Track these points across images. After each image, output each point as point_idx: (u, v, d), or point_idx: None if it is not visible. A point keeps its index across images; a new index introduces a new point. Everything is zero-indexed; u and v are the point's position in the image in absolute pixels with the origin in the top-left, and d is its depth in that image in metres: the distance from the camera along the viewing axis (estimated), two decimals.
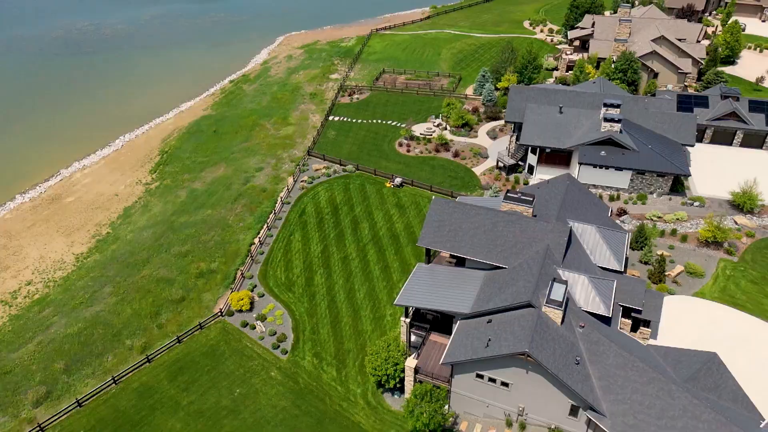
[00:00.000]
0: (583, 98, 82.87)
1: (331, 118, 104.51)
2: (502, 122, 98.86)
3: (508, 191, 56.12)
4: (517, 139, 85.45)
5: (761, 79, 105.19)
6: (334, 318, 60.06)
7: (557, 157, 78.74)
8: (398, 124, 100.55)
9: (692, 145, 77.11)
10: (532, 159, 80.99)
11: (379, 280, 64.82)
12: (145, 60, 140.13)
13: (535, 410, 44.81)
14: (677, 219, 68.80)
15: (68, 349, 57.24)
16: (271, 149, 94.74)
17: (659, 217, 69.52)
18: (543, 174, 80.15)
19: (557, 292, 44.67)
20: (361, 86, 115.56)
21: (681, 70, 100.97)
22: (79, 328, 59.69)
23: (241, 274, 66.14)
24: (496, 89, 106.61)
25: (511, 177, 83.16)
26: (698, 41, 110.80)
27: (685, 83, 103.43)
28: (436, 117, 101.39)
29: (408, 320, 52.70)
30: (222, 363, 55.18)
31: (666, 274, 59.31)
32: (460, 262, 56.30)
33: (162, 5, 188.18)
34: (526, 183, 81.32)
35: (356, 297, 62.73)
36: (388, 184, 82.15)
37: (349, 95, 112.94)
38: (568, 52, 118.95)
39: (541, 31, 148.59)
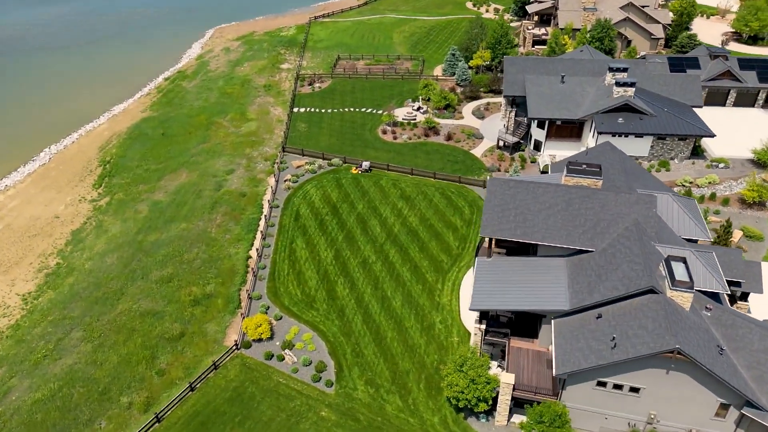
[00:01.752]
0: (582, 66, 77.64)
1: (295, 109, 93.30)
2: (484, 101, 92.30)
3: (569, 162, 48.75)
4: (516, 115, 78.99)
5: (726, 41, 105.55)
6: (376, 334, 50.13)
7: (568, 129, 72.74)
8: (374, 111, 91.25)
9: (700, 106, 73.81)
10: (538, 134, 74.53)
11: (413, 284, 55.53)
12: (60, 61, 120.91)
13: (670, 415, 37.60)
14: (710, 183, 64.77)
15: (42, 421, 43.42)
16: (236, 148, 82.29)
17: (690, 182, 65.15)
18: (552, 149, 73.96)
19: (680, 272, 37.68)
20: (320, 74, 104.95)
21: (654, 35, 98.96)
22: (51, 389, 45.80)
23: (248, 295, 54.42)
24: (469, 68, 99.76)
25: (516, 156, 76.50)
26: (656, 8, 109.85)
27: (657, 49, 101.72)
28: (413, 101, 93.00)
29: (483, 327, 43.97)
30: (255, 409, 43.75)
31: (730, 240, 54.46)
32: (516, 250, 48.33)
33: (64, 4, 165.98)
34: (533, 161, 74.88)
35: (393, 306, 53.09)
36: (354, 170, 73.89)
37: (309, 84, 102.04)
38: (530, 27, 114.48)
39: (486, 10, 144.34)
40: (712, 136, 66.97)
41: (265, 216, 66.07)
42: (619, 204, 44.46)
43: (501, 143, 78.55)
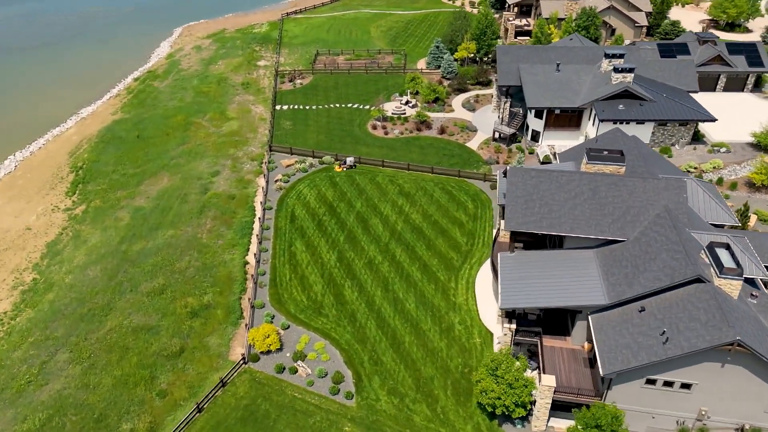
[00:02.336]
0: (575, 53, 76.17)
1: (278, 107, 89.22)
2: (473, 93, 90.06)
3: (589, 149, 46.54)
4: (511, 105, 76.88)
5: (705, 28, 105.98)
6: (393, 340, 46.94)
7: (567, 119, 70.94)
8: (360, 106, 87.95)
9: (696, 91, 73.01)
10: (536, 124, 72.52)
11: (425, 283, 52.56)
12: (20, 63, 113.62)
13: (721, 411, 35.55)
14: (714, 167, 63.81)
15: None
16: (219, 149, 77.82)
17: (696, 168, 64.02)
18: (551, 139, 72.11)
19: (726, 259, 35.71)
20: (300, 71, 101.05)
21: (637, 23, 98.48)
22: (40, 419, 41.07)
23: (250, 304, 50.49)
24: (454, 60, 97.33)
25: (513, 147, 74.36)
26: None
27: (641, 37, 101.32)
28: (401, 95, 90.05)
29: (514, 326, 41.29)
30: (271, 428, 40.03)
31: (747, 224, 53.28)
32: (533, 244, 46.01)
33: (19, 4, 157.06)
34: (531, 152, 72.85)
35: (406, 308, 49.99)
36: (338, 168, 70.71)
37: (290, 81, 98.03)
38: (511, 18, 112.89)
39: (462, 3, 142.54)
40: (714, 120, 66.03)
41: (259, 219, 62.07)
42: (647, 190, 42.43)
43: (497, 135, 76.30)
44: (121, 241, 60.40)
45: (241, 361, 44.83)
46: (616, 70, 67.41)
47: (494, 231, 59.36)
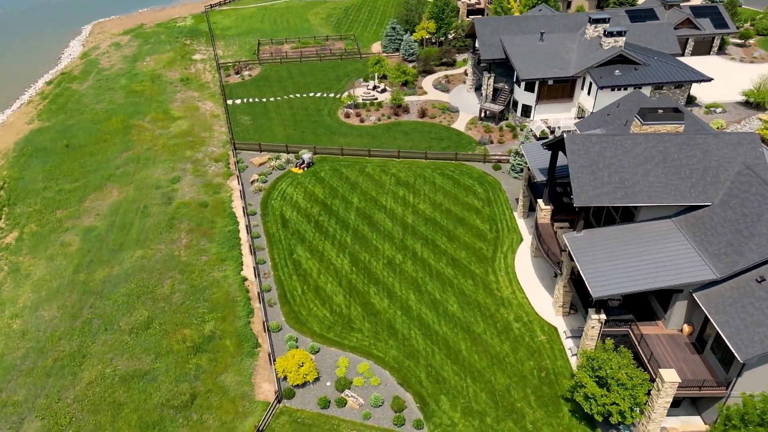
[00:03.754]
0: (556, 21, 72.48)
1: (230, 101, 79.00)
2: (441, 74, 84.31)
3: (642, 108, 41.62)
4: (495, 81, 71.65)
5: None
6: (447, 349, 39.85)
7: (560, 89, 66.70)
8: (324, 95, 79.72)
9: (679, 54, 71.35)
10: (526, 98, 67.74)
11: (460, 280, 45.86)
12: None
13: None
14: (718, 128, 61.77)
15: None
16: (173, 152, 66.88)
17: None
18: (544, 113, 67.78)
19: None
20: (246, 62, 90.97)
21: None
22: None
23: (264, 328, 41.46)
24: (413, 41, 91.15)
25: (503, 125, 69.31)
26: None
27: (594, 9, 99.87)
28: (365, 80, 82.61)
29: (603, 316, 35.50)
30: None
31: None
32: (587, 218, 40.69)
33: None
34: (523, 128, 68.06)
35: (449, 310, 43.06)
36: (295, 169, 61.47)
37: (237, 73, 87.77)
38: None
39: None
40: (710, 80, 63.93)
41: (247, 226, 52.68)
42: (721, 147, 38.02)
43: (483, 113, 70.94)
44: (76, 270, 48.88)
45: (276, 401, 36.00)
46: (607, 34, 63.89)
47: (515, 213, 53.84)
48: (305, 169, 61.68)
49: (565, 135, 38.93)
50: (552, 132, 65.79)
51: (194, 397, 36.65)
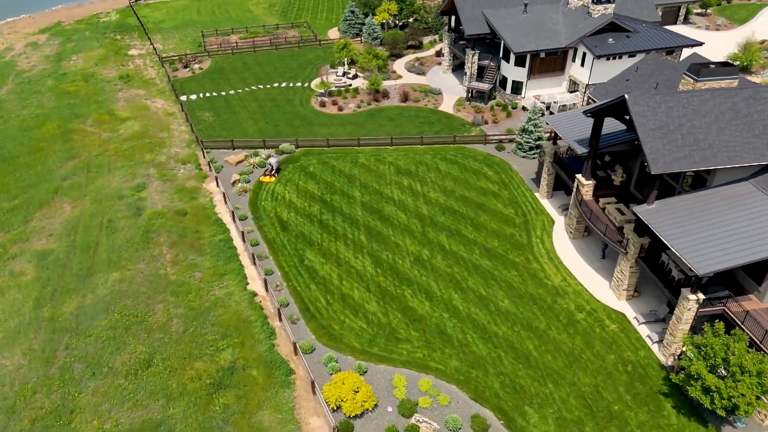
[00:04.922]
0: None
1: (184, 98, 70.01)
2: (411, 57, 79.10)
3: (693, 64, 38.06)
4: (480, 58, 67.11)
5: None
6: (514, 352, 34.54)
7: (552, 62, 63.25)
8: (290, 84, 72.51)
9: (659, 22, 69.76)
10: (516, 74, 63.84)
11: (502, 271, 40.78)
12: None
13: None
14: None
15: None
16: (130, 157, 57.61)
17: None
18: (535, 89, 64.26)
19: None
20: (194, 54, 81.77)
21: None
22: None
23: (294, 349, 34.41)
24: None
25: (492, 104, 65.04)
26: None
27: None
28: (332, 67, 75.91)
29: (701, 296, 31.39)
30: None
31: None
32: (626, 192, 36.87)
33: None
34: (514, 106, 64.17)
35: (502, 307, 37.82)
36: (264, 178, 52.62)
37: (185, 67, 78.53)
38: None
39: None
40: (701, 44, 62.52)
41: (241, 233, 45.03)
42: None
43: (470, 93, 66.32)
44: (36, 305, 39.55)
45: None
46: (596, 2, 60.98)
47: (537, 194, 49.41)
48: (276, 175, 53.67)
49: (626, 96, 34.55)
50: (548, 108, 62.09)
51: None
